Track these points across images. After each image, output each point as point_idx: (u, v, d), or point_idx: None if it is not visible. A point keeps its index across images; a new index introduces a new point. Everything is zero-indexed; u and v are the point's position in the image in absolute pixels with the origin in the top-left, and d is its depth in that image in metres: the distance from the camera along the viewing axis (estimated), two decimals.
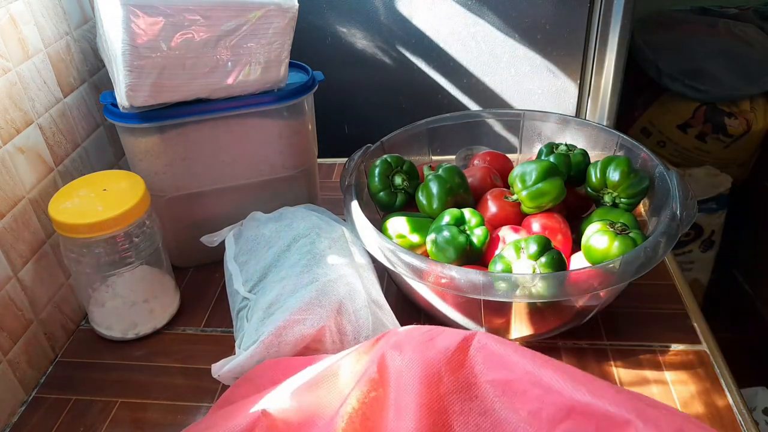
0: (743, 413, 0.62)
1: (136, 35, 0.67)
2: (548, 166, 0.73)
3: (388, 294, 0.72)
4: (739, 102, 1.51)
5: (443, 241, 0.69)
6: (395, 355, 0.48)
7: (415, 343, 0.49)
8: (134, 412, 0.67)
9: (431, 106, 1.16)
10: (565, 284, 0.62)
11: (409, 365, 0.47)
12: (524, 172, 0.74)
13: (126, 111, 0.73)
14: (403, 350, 0.48)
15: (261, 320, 0.63)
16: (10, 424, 0.67)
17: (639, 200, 0.75)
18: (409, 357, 0.47)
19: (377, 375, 0.48)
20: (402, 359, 0.47)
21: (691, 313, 0.75)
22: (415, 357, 0.47)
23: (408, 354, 0.48)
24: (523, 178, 0.74)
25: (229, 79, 0.74)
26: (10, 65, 0.69)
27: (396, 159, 0.80)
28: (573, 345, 0.71)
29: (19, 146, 0.70)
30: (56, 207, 0.68)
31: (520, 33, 1.07)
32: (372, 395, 0.47)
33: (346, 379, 0.50)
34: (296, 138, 0.83)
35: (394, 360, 0.48)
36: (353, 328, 0.64)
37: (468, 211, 0.72)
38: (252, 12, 0.71)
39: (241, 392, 0.57)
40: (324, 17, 1.10)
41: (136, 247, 0.72)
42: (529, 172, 0.73)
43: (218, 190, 0.83)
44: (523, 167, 0.75)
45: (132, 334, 0.76)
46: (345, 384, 0.50)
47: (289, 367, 0.57)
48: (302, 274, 0.66)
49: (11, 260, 0.68)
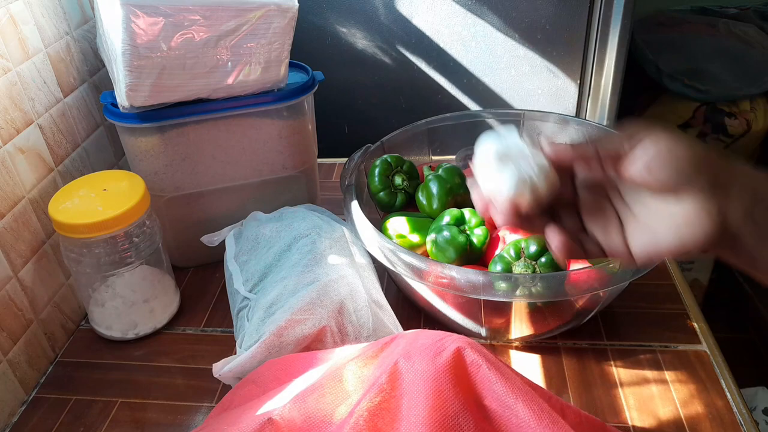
0: (743, 413, 0.62)
1: (136, 35, 0.67)
2: None
3: (388, 294, 0.72)
4: (739, 102, 1.51)
5: (443, 241, 0.69)
6: (406, 365, 0.48)
7: (426, 353, 0.48)
8: (134, 412, 0.67)
9: (431, 106, 1.16)
10: (565, 284, 0.62)
11: (422, 377, 0.46)
12: None
13: (126, 111, 0.73)
14: (414, 360, 0.48)
15: (262, 320, 0.63)
16: (10, 424, 0.67)
17: None
18: (421, 368, 0.47)
19: (388, 385, 0.47)
20: (414, 370, 0.47)
21: (691, 313, 0.75)
22: (428, 369, 0.47)
23: (418, 365, 0.47)
24: None
25: (229, 79, 0.74)
26: (10, 65, 0.69)
27: (396, 159, 0.80)
28: (573, 345, 0.71)
29: (19, 146, 0.70)
30: (56, 207, 0.68)
31: (520, 33, 1.07)
32: (382, 405, 0.47)
33: (353, 385, 0.50)
34: (296, 138, 0.83)
35: (407, 371, 0.47)
36: (354, 328, 0.64)
37: (468, 211, 0.72)
38: (252, 12, 0.72)
39: (244, 394, 0.56)
40: (324, 17, 1.10)
41: (136, 247, 0.72)
42: None
43: (218, 190, 0.83)
44: None
45: (132, 334, 0.76)
46: (352, 390, 0.50)
47: (292, 367, 0.56)
48: (303, 274, 0.66)
49: (11, 260, 0.68)
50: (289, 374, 0.55)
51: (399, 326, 0.67)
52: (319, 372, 0.52)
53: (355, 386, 0.50)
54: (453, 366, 0.47)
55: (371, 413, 0.46)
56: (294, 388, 0.51)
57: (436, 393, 0.45)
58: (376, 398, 0.47)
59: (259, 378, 0.57)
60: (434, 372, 0.46)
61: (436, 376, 0.46)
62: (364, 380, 0.50)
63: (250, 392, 0.56)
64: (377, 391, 0.47)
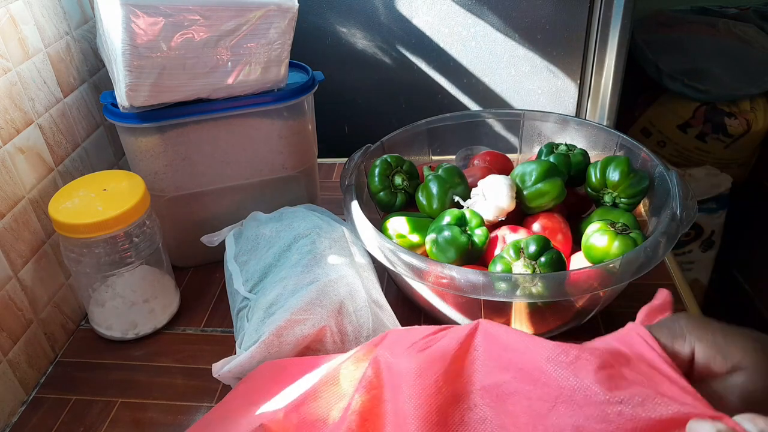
0: None
1: (136, 35, 0.67)
2: (548, 167, 0.73)
3: (387, 294, 0.72)
4: (739, 102, 1.51)
5: (444, 241, 0.69)
6: (390, 360, 0.48)
7: (414, 349, 0.48)
8: (134, 412, 0.67)
9: (431, 105, 1.17)
10: (565, 284, 0.62)
11: (407, 373, 0.46)
12: (524, 172, 0.74)
13: (126, 111, 0.73)
14: (399, 355, 0.48)
15: (261, 320, 0.63)
16: (10, 424, 0.67)
17: (639, 200, 0.75)
18: (407, 366, 0.46)
19: (374, 377, 0.47)
20: (398, 366, 0.47)
21: (691, 313, 0.75)
22: (412, 366, 0.46)
23: (405, 362, 0.47)
24: (523, 178, 0.74)
25: (229, 79, 0.74)
26: (10, 65, 0.69)
27: (396, 159, 0.80)
28: None
29: (19, 146, 0.70)
30: (56, 207, 0.68)
31: (520, 33, 1.07)
32: (372, 401, 0.47)
33: (345, 388, 0.50)
34: (296, 138, 0.83)
35: (390, 366, 0.47)
36: (354, 328, 0.64)
37: (468, 211, 0.72)
38: (252, 12, 0.72)
39: (239, 400, 0.56)
40: (324, 17, 1.10)
41: (136, 246, 0.72)
42: (529, 172, 0.73)
43: (218, 190, 0.83)
44: (523, 167, 0.75)
45: (132, 334, 0.76)
46: (345, 392, 0.50)
47: (287, 372, 0.56)
48: (303, 274, 0.66)
49: (11, 260, 0.68)
50: (283, 379, 0.55)
51: (398, 326, 0.67)
52: (314, 378, 0.51)
53: (348, 389, 0.50)
54: (442, 358, 0.46)
55: (361, 408, 0.46)
56: (287, 395, 0.51)
57: (422, 389, 0.45)
58: (365, 394, 0.46)
59: (253, 382, 0.57)
60: (420, 368, 0.46)
61: (422, 371, 0.45)
62: (356, 382, 0.50)
63: (244, 397, 0.56)
64: (365, 386, 0.47)
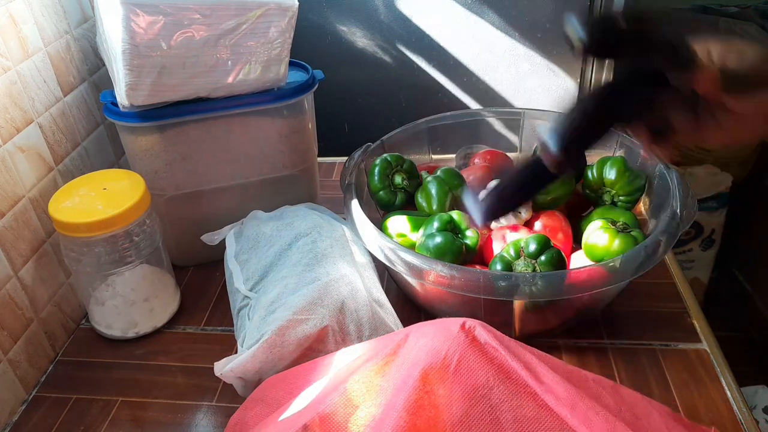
0: (743, 412, 0.62)
1: (136, 34, 0.67)
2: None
3: (388, 293, 0.72)
4: None
5: (435, 248, 0.68)
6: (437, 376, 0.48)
7: (456, 364, 0.48)
8: (134, 411, 0.68)
9: (431, 104, 1.17)
10: (565, 283, 0.62)
11: (452, 389, 0.47)
12: None
13: (126, 110, 0.73)
14: (445, 375, 0.48)
15: (263, 318, 0.63)
16: (10, 423, 0.67)
17: (637, 198, 0.75)
18: (451, 384, 0.47)
19: (420, 382, 0.47)
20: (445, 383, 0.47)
21: (691, 311, 0.75)
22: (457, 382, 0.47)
23: (450, 380, 0.47)
24: None
25: (229, 77, 0.74)
26: (10, 64, 0.69)
27: (396, 158, 0.80)
28: (573, 344, 0.71)
29: (19, 145, 0.70)
30: (56, 206, 0.68)
31: (521, 32, 1.07)
32: (420, 402, 0.47)
33: (378, 385, 0.49)
34: (296, 137, 0.83)
35: (438, 385, 0.47)
36: (356, 327, 0.64)
37: (456, 213, 0.72)
38: (252, 11, 0.71)
39: (254, 414, 0.56)
40: (324, 16, 1.10)
41: (137, 246, 0.72)
42: None
43: (218, 189, 0.83)
44: None
45: (132, 333, 0.76)
46: (378, 390, 0.49)
47: (301, 379, 0.56)
48: (304, 273, 0.66)
49: (11, 259, 0.68)
50: (298, 386, 0.54)
51: (400, 324, 0.67)
52: (334, 378, 0.51)
53: (380, 386, 0.49)
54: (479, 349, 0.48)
55: (411, 411, 0.46)
56: (311, 395, 0.51)
57: (470, 396, 0.46)
58: (413, 396, 0.46)
59: (267, 396, 0.57)
60: (467, 384, 0.47)
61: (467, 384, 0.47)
62: (389, 379, 0.49)
63: (260, 412, 0.55)
64: (412, 390, 0.46)
